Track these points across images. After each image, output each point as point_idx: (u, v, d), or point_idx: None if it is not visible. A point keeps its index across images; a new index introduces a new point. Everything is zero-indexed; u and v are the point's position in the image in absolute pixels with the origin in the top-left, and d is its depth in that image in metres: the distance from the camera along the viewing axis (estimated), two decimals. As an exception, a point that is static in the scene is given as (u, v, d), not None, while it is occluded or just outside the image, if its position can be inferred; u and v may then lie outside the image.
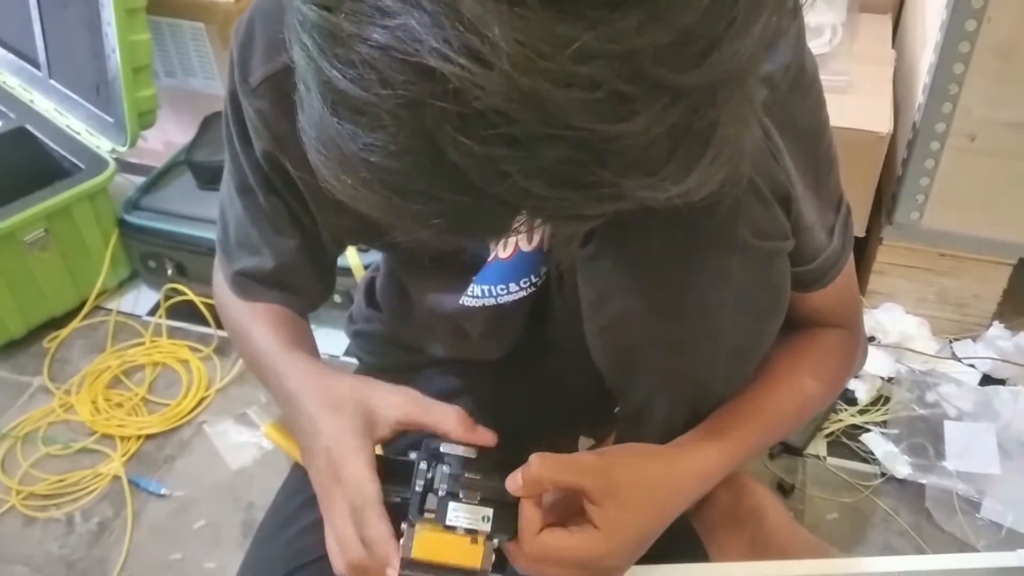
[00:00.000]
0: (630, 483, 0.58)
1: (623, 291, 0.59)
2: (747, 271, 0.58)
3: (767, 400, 0.66)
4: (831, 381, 0.73)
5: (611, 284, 0.60)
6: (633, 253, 0.58)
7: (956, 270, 1.17)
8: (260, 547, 0.82)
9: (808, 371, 0.69)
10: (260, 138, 0.67)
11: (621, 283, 0.59)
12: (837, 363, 0.73)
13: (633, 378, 0.66)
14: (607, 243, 0.58)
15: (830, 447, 1.09)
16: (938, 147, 1.07)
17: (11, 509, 1.05)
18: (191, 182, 1.35)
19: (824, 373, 0.71)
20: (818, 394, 0.71)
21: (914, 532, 1.00)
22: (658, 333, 0.60)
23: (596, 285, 0.61)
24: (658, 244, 0.56)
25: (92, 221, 1.28)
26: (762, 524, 0.90)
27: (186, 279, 1.29)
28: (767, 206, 0.57)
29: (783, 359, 0.68)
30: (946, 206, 1.12)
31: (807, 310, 0.68)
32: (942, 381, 1.13)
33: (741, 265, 0.57)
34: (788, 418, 0.70)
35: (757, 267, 0.58)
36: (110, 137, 1.31)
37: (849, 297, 0.73)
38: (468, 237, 0.39)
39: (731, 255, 0.56)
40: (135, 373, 1.23)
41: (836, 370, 0.73)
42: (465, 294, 0.72)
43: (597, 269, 0.60)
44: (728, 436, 0.64)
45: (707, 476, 0.63)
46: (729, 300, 0.59)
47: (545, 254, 0.69)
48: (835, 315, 0.72)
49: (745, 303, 0.59)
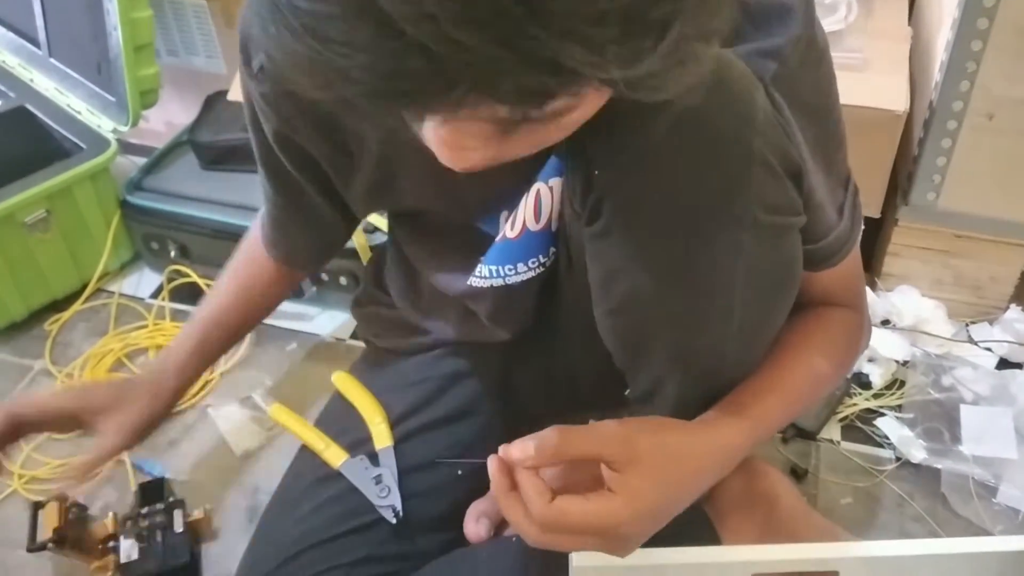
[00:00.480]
0: (653, 452, 0.56)
1: (632, 268, 0.58)
2: (759, 247, 0.56)
3: (782, 378, 0.65)
4: (840, 360, 0.72)
5: (620, 261, 0.58)
6: (643, 229, 0.56)
7: (973, 252, 1.15)
8: (267, 529, 0.81)
9: (817, 350, 0.69)
10: (268, 120, 0.68)
11: (630, 260, 0.57)
12: (845, 343, 0.72)
13: (643, 359, 0.64)
14: (616, 219, 0.56)
15: (844, 431, 1.07)
16: (955, 126, 1.05)
17: (13, 493, 1.04)
18: (194, 162, 1.33)
19: (833, 352, 0.70)
20: (828, 373, 0.71)
21: (929, 517, 0.98)
22: (668, 311, 0.59)
23: (604, 263, 0.60)
24: (669, 219, 0.54)
25: (94, 202, 1.26)
26: (775, 508, 0.90)
27: (189, 261, 1.27)
28: (778, 181, 0.55)
29: (792, 339, 0.67)
30: (963, 186, 1.10)
31: (815, 291, 0.67)
32: (958, 365, 1.11)
33: (752, 240, 0.55)
34: (802, 397, 0.69)
35: (769, 243, 0.57)
36: (111, 116, 1.29)
37: (855, 277, 0.72)
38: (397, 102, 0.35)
39: (742, 230, 0.55)
40: (138, 356, 1.22)
41: (844, 350, 0.72)
42: (473, 274, 0.71)
43: (605, 246, 0.58)
44: (748, 412, 0.63)
45: (730, 451, 0.61)
46: (740, 277, 0.57)
47: (555, 234, 0.68)
48: (842, 295, 0.71)
49: (757, 280, 0.58)
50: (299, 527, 0.77)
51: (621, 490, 0.55)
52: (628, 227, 0.56)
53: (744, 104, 0.52)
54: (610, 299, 0.61)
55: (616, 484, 0.55)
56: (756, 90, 0.53)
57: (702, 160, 0.52)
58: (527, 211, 0.66)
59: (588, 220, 0.59)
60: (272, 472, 1.03)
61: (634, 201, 0.55)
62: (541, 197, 0.65)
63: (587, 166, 0.56)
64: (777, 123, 0.54)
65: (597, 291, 0.62)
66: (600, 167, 0.55)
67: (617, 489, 0.55)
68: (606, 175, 0.55)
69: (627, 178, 0.54)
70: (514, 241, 0.68)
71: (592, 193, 0.57)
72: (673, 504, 0.58)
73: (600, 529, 0.55)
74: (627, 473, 0.55)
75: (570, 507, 0.54)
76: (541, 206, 0.65)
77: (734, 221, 0.55)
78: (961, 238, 1.15)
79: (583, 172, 0.57)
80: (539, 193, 0.65)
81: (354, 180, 0.69)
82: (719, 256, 0.56)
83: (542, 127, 0.42)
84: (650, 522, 0.57)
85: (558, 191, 0.64)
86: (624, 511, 0.55)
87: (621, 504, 0.55)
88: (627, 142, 0.53)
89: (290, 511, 0.79)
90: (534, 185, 0.64)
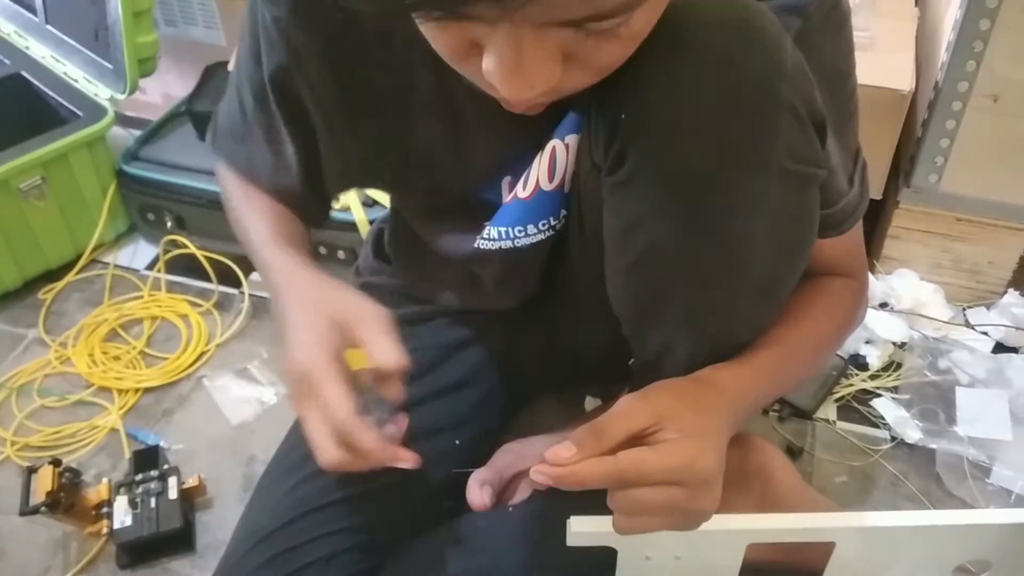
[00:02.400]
0: (675, 398, 0.57)
1: (654, 218, 0.57)
2: (781, 197, 0.56)
3: (785, 336, 0.66)
4: (840, 326, 0.73)
5: (642, 210, 0.57)
6: (667, 176, 0.55)
7: (972, 236, 1.15)
8: (263, 495, 0.81)
9: (820, 315, 0.69)
10: (275, 50, 0.64)
11: (652, 209, 0.57)
12: (846, 310, 0.73)
13: (655, 320, 0.64)
14: (641, 164, 0.56)
15: (840, 411, 1.07)
16: (960, 107, 1.05)
17: (6, 460, 1.03)
18: (192, 133, 1.31)
19: (834, 318, 0.71)
20: (830, 338, 0.72)
21: (923, 496, 0.98)
22: (687, 264, 0.59)
23: (625, 214, 0.59)
24: (695, 162, 0.54)
25: (90, 170, 1.25)
26: (770, 483, 0.90)
27: (185, 232, 1.26)
28: (804, 129, 0.55)
29: (795, 302, 0.67)
30: (965, 169, 1.10)
31: (822, 259, 0.67)
32: (955, 348, 1.11)
33: (776, 189, 0.55)
34: (804, 359, 0.69)
35: (791, 194, 0.57)
36: (109, 84, 1.27)
37: (858, 247, 0.73)
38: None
39: (767, 177, 0.54)
40: (133, 327, 1.21)
41: (845, 317, 0.73)
42: (481, 236, 0.70)
43: (628, 195, 0.58)
44: (752, 361, 0.63)
45: (743, 388, 0.62)
46: (761, 230, 0.57)
47: (567, 196, 0.67)
48: (846, 265, 0.72)
49: (775, 234, 0.58)
50: (294, 494, 0.77)
51: (676, 434, 0.54)
52: (653, 172, 0.55)
53: (774, 50, 0.52)
54: (628, 252, 0.60)
55: (669, 432, 0.54)
56: (785, 39, 0.53)
57: (731, 103, 0.52)
58: (541, 170, 0.65)
59: (611, 169, 0.58)
60: (268, 443, 1.02)
61: (660, 144, 0.54)
62: (556, 155, 0.64)
63: (614, 110, 0.55)
64: (804, 72, 0.54)
65: (614, 246, 0.62)
66: (628, 111, 0.54)
67: (673, 433, 0.54)
68: (633, 119, 0.55)
69: (655, 120, 0.54)
70: (526, 201, 0.67)
71: (617, 139, 0.56)
72: (718, 437, 0.57)
73: (680, 471, 0.53)
74: (666, 425, 0.55)
75: (642, 453, 0.53)
76: (556, 164, 0.65)
77: (760, 166, 0.54)
78: (962, 221, 1.14)
79: (609, 118, 0.56)
80: (554, 151, 0.64)
81: (357, 132, 0.67)
82: (742, 202, 0.55)
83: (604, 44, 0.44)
84: (716, 454, 0.56)
85: (574, 149, 0.64)
86: (692, 447, 0.54)
87: (685, 443, 0.54)
88: (656, 84, 0.53)
89: (286, 478, 0.79)
90: (550, 142, 0.63)
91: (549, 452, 0.54)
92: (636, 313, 0.65)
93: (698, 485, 0.54)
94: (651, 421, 0.55)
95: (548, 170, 0.65)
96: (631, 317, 0.66)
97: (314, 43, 0.62)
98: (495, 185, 0.69)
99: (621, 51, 0.47)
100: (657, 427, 0.55)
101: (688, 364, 0.64)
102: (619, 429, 0.55)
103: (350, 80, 0.64)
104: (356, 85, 0.65)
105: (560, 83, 0.45)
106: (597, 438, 0.54)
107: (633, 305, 0.65)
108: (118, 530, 0.89)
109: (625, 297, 0.65)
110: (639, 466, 0.53)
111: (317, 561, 0.72)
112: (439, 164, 0.68)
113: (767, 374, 0.64)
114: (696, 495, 0.55)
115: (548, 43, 0.43)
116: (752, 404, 0.63)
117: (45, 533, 0.95)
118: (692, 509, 0.56)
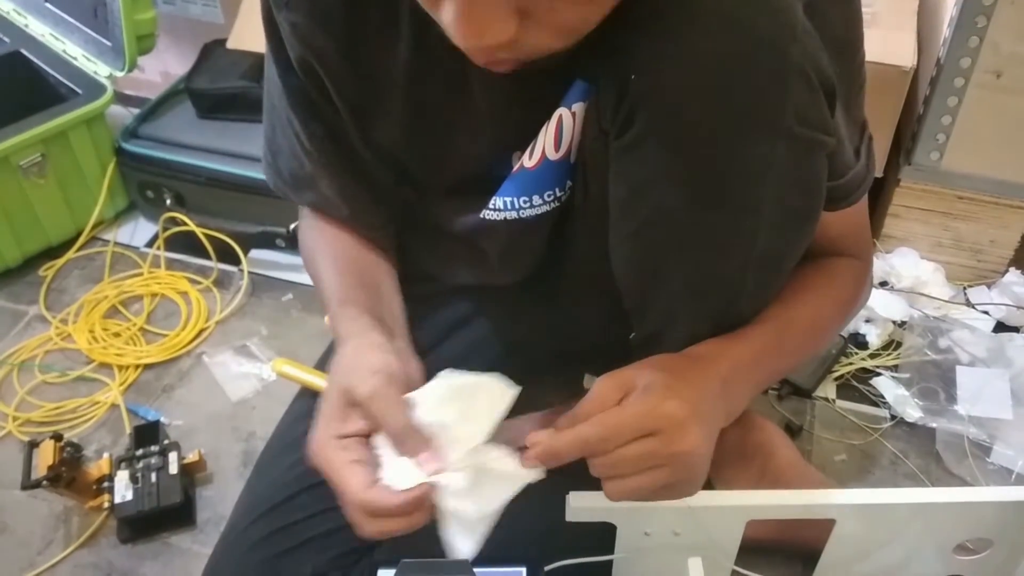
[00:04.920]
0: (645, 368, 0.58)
1: (661, 181, 0.57)
2: (790, 161, 0.55)
3: (783, 314, 0.65)
4: (843, 305, 0.72)
5: (649, 174, 0.57)
6: (675, 138, 0.55)
7: (973, 214, 1.15)
8: (263, 471, 0.81)
9: (821, 294, 0.69)
10: (294, 49, 0.65)
11: (660, 172, 0.56)
12: (849, 290, 0.72)
13: (658, 290, 0.63)
14: (650, 126, 0.55)
15: (840, 390, 1.07)
16: (962, 83, 1.04)
17: (8, 435, 1.03)
18: (190, 110, 1.31)
19: (837, 297, 0.71)
20: (831, 317, 0.71)
21: (923, 475, 0.98)
22: (692, 230, 0.58)
23: (632, 178, 0.59)
24: (703, 124, 0.53)
25: (89, 148, 1.25)
26: (770, 461, 0.90)
27: (185, 209, 1.26)
28: (814, 93, 0.54)
29: (798, 281, 0.67)
30: (967, 146, 1.09)
31: (824, 239, 0.67)
32: (955, 327, 1.11)
33: (784, 154, 0.55)
34: (804, 338, 0.69)
35: (799, 160, 0.56)
36: (107, 62, 1.27)
37: (863, 226, 0.73)
38: None
39: (776, 140, 0.54)
40: (133, 304, 1.21)
41: (848, 296, 0.73)
42: (487, 207, 0.69)
43: (635, 158, 0.57)
44: (746, 335, 0.63)
45: (732, 360, 0.62)
46: (769, 194, 0.56)
47: (572, 165, 0.67)
48: (849, 244, 0.71)
49: (783, 203, 0.57)
50: (295, 470, 0.77)
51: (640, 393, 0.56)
52: (661, 134, 0.55)
53: (784, 12, 0.52)
54: (633, 218, 0.60)
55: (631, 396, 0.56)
56: (795, 2, 0.53)
57: (740, 64, 0.52)
58: (547, 138, 0.64)
59: (618, 132, 0.57)
60: (267, 419, 1.03)
61: (669, 106, 0.54)
62: (563, 123, 0.64)
63: (623, 72, 0.55)
64: (815, 36, 0.54)
65: (620, 211, 0.61)
66: (637, 71, 0.54)
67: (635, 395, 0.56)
68: (643, 79, 0.54)
69: (664, 81, 0.53)
70: (531, 171, 0.66)
71: (625, 101, 0.56)
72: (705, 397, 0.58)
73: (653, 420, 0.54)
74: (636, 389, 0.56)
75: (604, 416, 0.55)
76: (563, 133, 0.64)
77: (768, 128, 0.53)
78: (963, 200, 1.14)
79: (617, 81, 0.56)
80: (560, 119, 0.63)
81: (378, 125, 0.68)
82: (750, 166, 0.55)
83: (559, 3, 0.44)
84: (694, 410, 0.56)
85: (581, 117, 0.63)
86: (654, 394, 0.55)
87: (646, 394, 0.55)
88: (666, 45, 0.52)
89: (287, 454, 0.79)
90: (556, 111, 0.63)
91: (529, 436, 0.56)
92: (639, 282, 0.65)
93: (670, 429, 0.55)
94: (621, 392, 0.56)
95: (555, 139, 0.64)
96: (633, 287, 0.66)
97: (331, 42, 0.63)
98: (506, 160, 0.69)
99: (578, 12, 0.48)
100: (627, 395, 0.56)
101: (689, 338, 0.63)
102: (591, 406, 0.56)
103: (368, 72, 0.65)
104: (372, 76, 0.65)
105: (519, 40, 0.46)
106: (570, 418, 0.56)
107: (636, 273, 0.64)
108: (119, 504, 0.89)
109: (628, 265, 0.64)
110: (604, 425, 0.54)
111: (316, 537, 0.72)
112: (453, 144, 0.68)
113: (760, 348, 0.63)
114: (671, 439, 0.55)
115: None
116: (746, 378, 0.63)
117: (46, 508, 0.95)
118: (673, 453, 0.55)
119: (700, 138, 0.54)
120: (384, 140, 0.69)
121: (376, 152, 0.70)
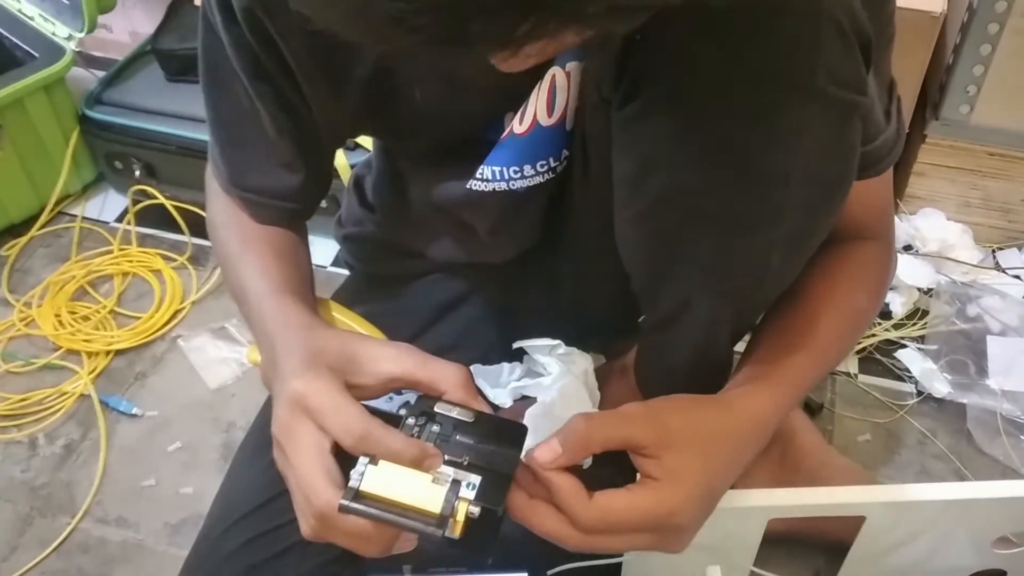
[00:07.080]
0: (686, 429, 0.52)
1: (673, 155, 0.50)
2: (823, 127, 0.49)
3: (817, 325, 0.60)
4: (874, 293, 0.67)
5: (659, 147, 0.51)
6: (690, 103, 0.48)
7: (1004, 171, 1.09)
8: (237, 473, 0.75)
9: (852, 285, 0.63)
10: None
11: (671, 144, 0.50)
12: (877, 275, 0.67)
13: (672, 273, 0.57)
14: (658, 94, 0.49)
15: (862, 364, 1.01)
16: (996, 29, 0.97)
17: (-28, 430, 0.97)
18: (159, 73, 1.22)
19: (867, 285, 0.65)
20: (866, 308, 0.65)
21: (952, 455, 0.93)
22: (712, 206, 0.52)
23: (639, 152, 0.52)
24: (722, 88, 0.47)
25: (50, 116, 1.17)
26: (791, 445, 0.85)
27: (156, 181, 1.18)
28: (848, 47, 0.48)
29: (822, 276, 0.62)
30: (999, 99, 1.02)
31: (851, 214, 0.61)
32: (985, 293, 1.05)
33: (818, 116, 0.48)
34: (842, 341, 0.64)
35: (833, 124, 0.50)
36: (66, 22, 1.18)
37: (887, 204, 0.67)
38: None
39: (807, 104, 0.48)
40: (102, 284, 1.13)
41: (877, 282, 0.67)
42: (473, 177, 0.62)
43: (642, 130, 0.51)
44: (782, 375, 0.57)
45: (765, 420, 0.56)
46: (799, 165, 0.50)
47: (568, 133, 0.59)
48: (872, 224, 0.66)
49: (814, 173, 0.51)
50: (270, 472, 0.70)
51: (663, 475, 0.50)
52: (672, 102, 0.49)
53: None
54: (643, 197, 0.54)
55: (655, 470, 0.50)
56: None
57: (764, 16, 0.46)
58: (539, 101, 0.58)
59: (622, 101, 0.51)
60: (248, 408, 0.97)
61: (680, 67, 0.47)
62: (556, 84, 0.57)
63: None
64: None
65: (626, 190, 0.55)
66: (641, 31, 0.47)
67: (659, 475, 0.50)
68: (649, 40, 0.48)
69: (673, 40, 0.47)
70: (522, 138, 0.60)
71: (629, 65, 0.50)
72: (720, 483, 0.54)
73: (652, 522, 0.50)
74: (664, 457, 0.50)
75: (614, 503, 0.49)
76: (556, 95, 0.58)
77: (799, 89, 0.47)
78: (993, 156, 1.08)
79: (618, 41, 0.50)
80: (554, 79, 0.57)
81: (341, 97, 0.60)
82: (778, 133, 0.48)
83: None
84: (703, 504, 0.52)
85: (576, 78, 0.57)
86: (674, 497, 0.50)
87: (668, 490, 0.50)
88: None
89: (262, 455, 0.73)
90: (548, 70, 0.56)
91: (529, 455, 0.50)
92: (650, 266, 0.59)
93: (668, 535, 0.52)
94: (648, 440, 0.50)
95: (547, 102, 0.58)
96: (644, 271, 0.59)
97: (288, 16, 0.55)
98: (497, 122, 0.62)
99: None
100: (649, 450, 0.50)
101: (709, 322, 0.58)
102: (614, 432, 0.51)
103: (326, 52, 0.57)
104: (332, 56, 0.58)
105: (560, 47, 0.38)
106: (584, 445, 0.50)
107: (647, 257, 0.58)
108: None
109: (638, 247, 0.58)
110: (612, 515, 0.49)
111: (295, 545, 0.67)
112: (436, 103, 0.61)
113: (803, 382, 0.59)
114: (664, 541, 0.52)
115: None
116: (779, 420, 0.58)
117: (11, 510, 0.89)
118: (658, 549, 0.52)
119: (716, 104, 0.48)
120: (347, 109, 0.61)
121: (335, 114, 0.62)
